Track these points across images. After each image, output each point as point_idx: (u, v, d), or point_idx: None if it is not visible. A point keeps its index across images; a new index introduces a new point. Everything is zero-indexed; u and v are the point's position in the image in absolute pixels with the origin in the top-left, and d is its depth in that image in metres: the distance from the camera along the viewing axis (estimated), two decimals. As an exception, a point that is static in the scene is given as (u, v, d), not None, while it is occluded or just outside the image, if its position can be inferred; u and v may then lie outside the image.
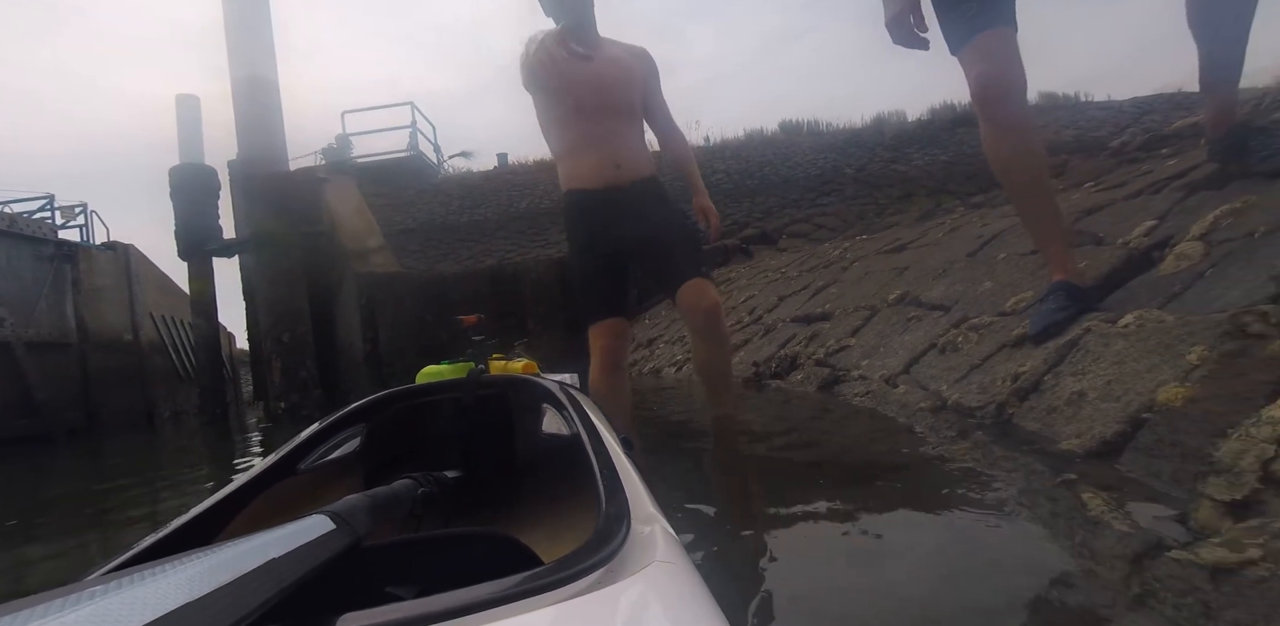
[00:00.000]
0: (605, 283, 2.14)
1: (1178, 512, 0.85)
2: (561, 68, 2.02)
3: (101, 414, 10.80)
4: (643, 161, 2.17)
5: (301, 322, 7.44)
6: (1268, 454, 0.78)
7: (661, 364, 5.11)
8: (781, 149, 11.22)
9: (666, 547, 0.48)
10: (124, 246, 12.62)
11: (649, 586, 0.41)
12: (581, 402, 1.04)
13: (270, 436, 5.90)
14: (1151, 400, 1.16)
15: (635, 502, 0.57)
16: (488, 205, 10.97)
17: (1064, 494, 1.02)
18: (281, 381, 7.11)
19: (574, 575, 0.40)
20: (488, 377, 1.26)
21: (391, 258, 9.43)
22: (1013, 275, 2.47)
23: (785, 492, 1.40)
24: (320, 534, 0.49)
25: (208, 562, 0.39)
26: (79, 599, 0.32)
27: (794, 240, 8.75)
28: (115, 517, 2.51)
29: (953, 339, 2.20)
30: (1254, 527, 0.71)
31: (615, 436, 0.90)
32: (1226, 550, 0.69)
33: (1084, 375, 1.43)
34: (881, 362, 2.55)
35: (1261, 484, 0.76)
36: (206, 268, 10.11)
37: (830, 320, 3.56)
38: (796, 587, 0.89)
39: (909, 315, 2.81)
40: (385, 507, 0.66)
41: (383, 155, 12.41)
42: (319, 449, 1.00)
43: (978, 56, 1.68)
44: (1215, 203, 1.91)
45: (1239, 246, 1.56)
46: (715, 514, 1.32)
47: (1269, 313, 1.15)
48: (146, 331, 12.65)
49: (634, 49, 2.20)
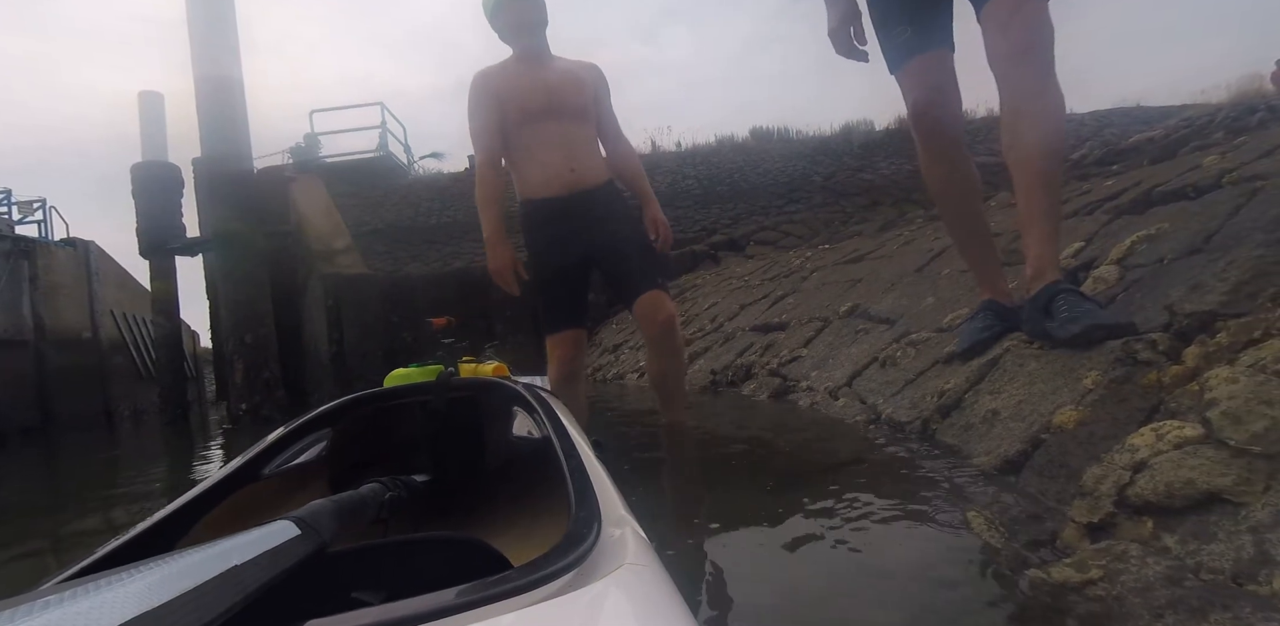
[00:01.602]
0: (564, 293, 2.17)
1: (1051, 532, 0.92)
2: (509, 75, 2.12)
3: (58, 413, 10.50)
4: (598, 166, 2.19)
5: (265, 324, 7.33)
6: (1124, 480, 0.85)
7: (625, 369, 5.15)
8: (752, 156, 11.34)
9: (637, 550, 0.48)
10: (84, 243, 12.29)
11: (619, 589, 0.40)
12: (552, 405, 1.04)
13: (231, 438, 5.81)
14: (1049, 421, 1.23)
15: (606, 505, 0.56)
16: (457, 207, 10.90)
17: (958, 510, 1.08)
18: (244, 382, 7.01)
19: (544, 578, 0.39)
20: (458, 380, 1.25)
21: (359, 259, 9.33)
22: (953, 291, 2.56)
23: (735, 494, 1.46)
24: (285, 539, 0.49)
25: (168, 569, 0.38)
26: (31, 608, 0.31)
27: (761, 247, 8.86)
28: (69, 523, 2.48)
29: (893, 353, 2.28)
30: (1101, 550, 0.78)
31: (586, 439, 0.90)
32: (1074, 570, 0.75)
33: (999, 394, 1.51)
34: (828, 374, 2.63)
35: (1115, 508, 0.83)
36: (169, 266, 9.89)
37: (786, 330, 3.64)
38: (759, 586, 0.94)
39: (858, 327, 2.89)
40: (351, 512, 0.65)
41: (352, 155, 12.27)
42: (285, 453, 0.99)
43: (911, 82, 1.68)
44: (1136, 226, 2.02)
45: (1148, 272, 1.65)
46: (676, 516, 1.37)
47: (1158, 340, 1.23)
48: (106, 329, 12.33)
49: (583, 63, 2.26)
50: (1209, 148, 3.69)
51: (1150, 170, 3.30)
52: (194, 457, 4.48)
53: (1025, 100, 1.46)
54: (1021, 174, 1.49)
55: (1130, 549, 0.76)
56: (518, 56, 2.16)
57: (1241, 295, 1.13)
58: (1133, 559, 0.74)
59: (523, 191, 2.19)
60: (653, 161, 11.79)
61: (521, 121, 2.10)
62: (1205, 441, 0.82)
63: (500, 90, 2.09)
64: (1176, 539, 0.75)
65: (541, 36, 2.15)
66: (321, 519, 0.55)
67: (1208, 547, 0.71)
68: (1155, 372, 1.09)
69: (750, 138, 11.91)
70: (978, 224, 1.81)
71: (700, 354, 4.24)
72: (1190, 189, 2.15)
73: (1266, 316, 0.99)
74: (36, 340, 10.63)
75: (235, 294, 7.34)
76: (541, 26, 2.14)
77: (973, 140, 11.20)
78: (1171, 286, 1.43)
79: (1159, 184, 2.40)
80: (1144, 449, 0.87)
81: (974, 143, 11.10)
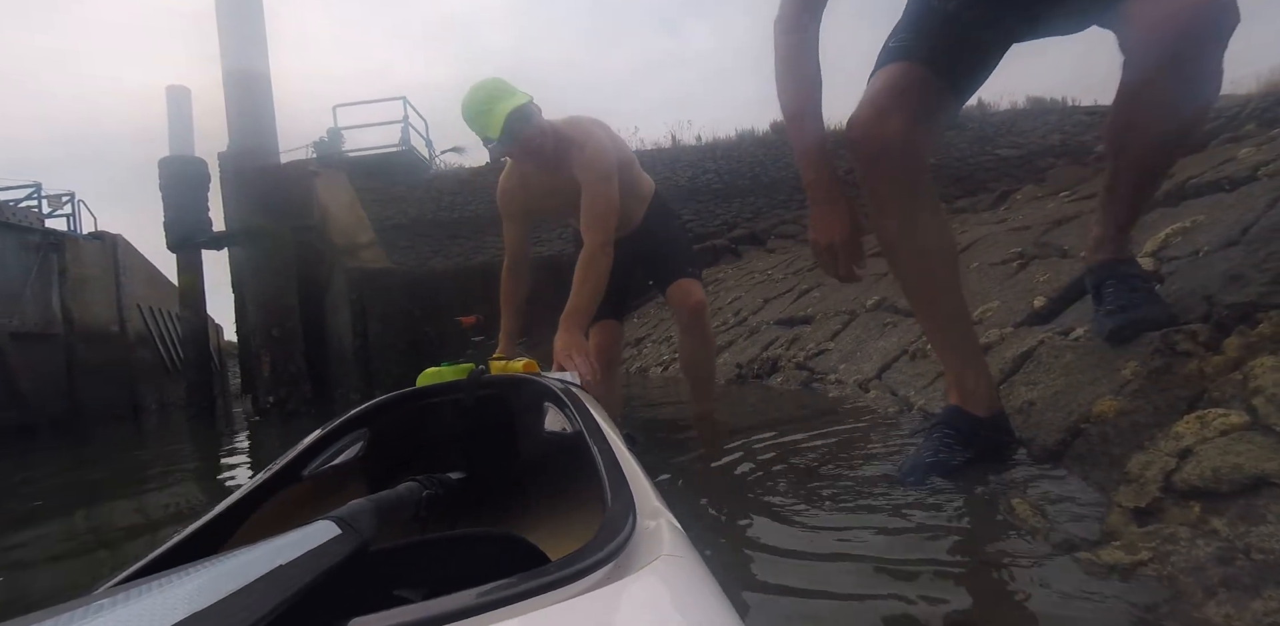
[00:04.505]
0: (610, 287, 2.23)
1: (1097, 517, 0.94)
2: (526, 185, 2.11)
3: (86, 405, 10.76)
4: (636, 209, 2.26)
5: (291, 317, 7.47)
6: (1170, 466, 0.87)
7: (649, 363, 5.20)
8: (772, 149, 11.29)
9: (673, 542, 0.48)
10: (111, 236, 12.54)
11: (657, 581, 0.40)
12: (583, 400, 1.05)
13: (259, 431, 5.94)
14: (1089, 411, 1.25)
15: (640, 498, 0.56)
16: (479, 202, 10.99)
17: (1002, 498, 1.11)
18: (270, 376, 7.14)
19: (581, 572, 0.39)
20: (488, 378, 1.27)
21: (382, 253, 9.45)
22: (983, 284, 2.57)
23: (768, 484, 1.47)
24: (327, 539, 0.50)
25: (215, 572, 0.39)
26: (86, 612, 0.32)
27: (782, 241, 8.85)
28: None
29: (923, 346, 2.30)
30: (1149, 532, 0.80)
31: (618, 432, 0.90)
32: (1123, 552, 0.78)
33: (1035, 385, 1.53)
34: (857, 367, 2.65)
35: (1162, 493, 0.85)
36: (195, 260, 10.08)
37: (812, 323, 3.65)
38: (794, 580, 0.94)
39: (885, 321, 2.91)
40: (390, 511, 0.66)
41: (374, 149, 12.40)
42: (322, 454, 1.01)
43: (865, 96, 1.30)
44: (1171, 219, 2.02)
45: (1184, 264, 1.66)
46: (714, 507, 1.38)
47: (1198, 331, 1.24)
48: (133, 323, 12.59)
49: (579, 144, 1.98)
50: (1241, 139, 3.65)
51: (1183, 162, 3.26)
52: (238, 451, 4.58)
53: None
54: (1139, 156, 1.22)
55: (1179, 531, 0.78)
56: (518, 160, 2.11)
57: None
58: (1182, 541, 0.76)
59: None
60: (673, 156, 11.80)
61: (557, 214, 2.24)
62: (1251, 428, 0.84)
63: (523, 202, 2.15)
64: (1225, 522, 0.77)
65: (522, 139, 1.91)
66: (362, 518, 0.56)
67: (1257, 529, 0.73)
68: (1197, 362, 1.10)
69: (771, 131, 11.86)
70: (949, 303, 1.32)
71: (725, 347, 4.27)
72: (1226, 181, 2.14)
73: (1311, 307, 1.01)
74: (66, 333, 10.89)
75: (262, 288, 7.47)
76: (518, 132, 1.88)
77: (995, 133, 11.08)
78: (1210, 278, 1.44)
79: (1193, 176, 2.39)
80: (1189, 436, 0.89)
81: (996, 135, 10.99)
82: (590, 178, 1.95)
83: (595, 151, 1.97)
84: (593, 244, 1.93)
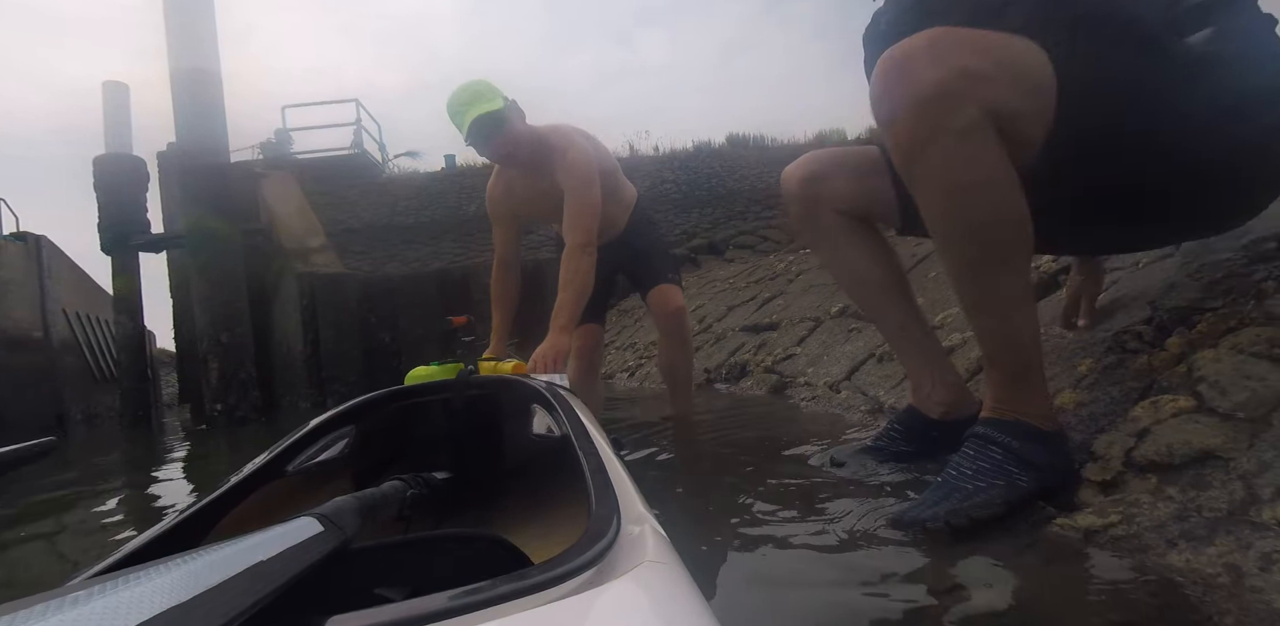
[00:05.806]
0: (593, 291, 2.30)
1: (1067, 492, 1.07)
2: (512, 189, 2.20)
3: (6, 416, 10.08)
4: (620, 213, 2.35)
5: (242, 322, 7.23)
6: (1129, 444, 1.01)
7: (614, 369, 5.27)
8: (729, 162, 11.59)
9: (657, 547, 0.48)
10: (35, 237, 11.81)
11: (640, 586, 0.41)
12: (571, 403, 1.05)
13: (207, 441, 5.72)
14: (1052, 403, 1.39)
15: (625, 502, 0.57)
16: (435, 207, 10.88)
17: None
18: (219, 383, 6.89)
19: (564, 575, 0.39)
20: (477, 378, 1.27)
21: (335, 257, 9.24)
22: (941, 292, 2.75)
23: (745, 485, 1.55)
24: (308, 536, 0.49)
25: (194, 565, 0.39)
26: (61, 604, 0.32)
27: (740, 252, 9.08)
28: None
29: (889, 349, 2.45)
30: (1116, 500, 0.93)
31: (605, 436, 0.90)
32: (1095, 517, 0.90)
33: (999, 382, 1.67)
34: (825, 370, 2.79)
35: (1124, 467, 0.99)
36: (132, 263, 9.63)
37: (778, 330, 3.80)
38: (781, 584, 0.94)
39: (850, 327, 3.07)
40: (374, 509, 0.67)
41: (325, 152, 12.14)
42: (308, 450, 1.00)
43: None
44: (1109, 235, 2.23)
45: (1125, 274, 1.85)
46: (696, 512, 1.39)
47: (1143, 332, 1.41)
48: (58, 329, 11.86)
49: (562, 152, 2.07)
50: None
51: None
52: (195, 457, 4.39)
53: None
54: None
55: (1141, 498, 0.91)
56: (502, 166, 2.22)
57: (1216, 292, 1.31)
58: (1144, 505, 0.89)
59: None
60: (631, 165, 11.92)
61: (543, 218, 2.32)
62: (1198, 410, 0.98)
63: (509, 206, 2.24)
64: (1178, 489, 0.90)
65: (492, 144, 2.00)
66: (345, 515, 0.56)
67: (1206, 494, 0.87)
68: (1146, 357, 1.26)
69: (727, 144, 12.16)
70: (891, 319, 1.44)
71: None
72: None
73: (1239, 309, 1.17)
74: (-16, 339, 10.21)
75: (210, 292, 7.21)
76: (485, 137, 1.97)
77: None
78: (1149, 286, 1.62)
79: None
80: (1145, 418, 1.03)
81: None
82: (572, 183, 2.03)
83: (576, 157, 2.05)
84: (573, 245, 2.00)
